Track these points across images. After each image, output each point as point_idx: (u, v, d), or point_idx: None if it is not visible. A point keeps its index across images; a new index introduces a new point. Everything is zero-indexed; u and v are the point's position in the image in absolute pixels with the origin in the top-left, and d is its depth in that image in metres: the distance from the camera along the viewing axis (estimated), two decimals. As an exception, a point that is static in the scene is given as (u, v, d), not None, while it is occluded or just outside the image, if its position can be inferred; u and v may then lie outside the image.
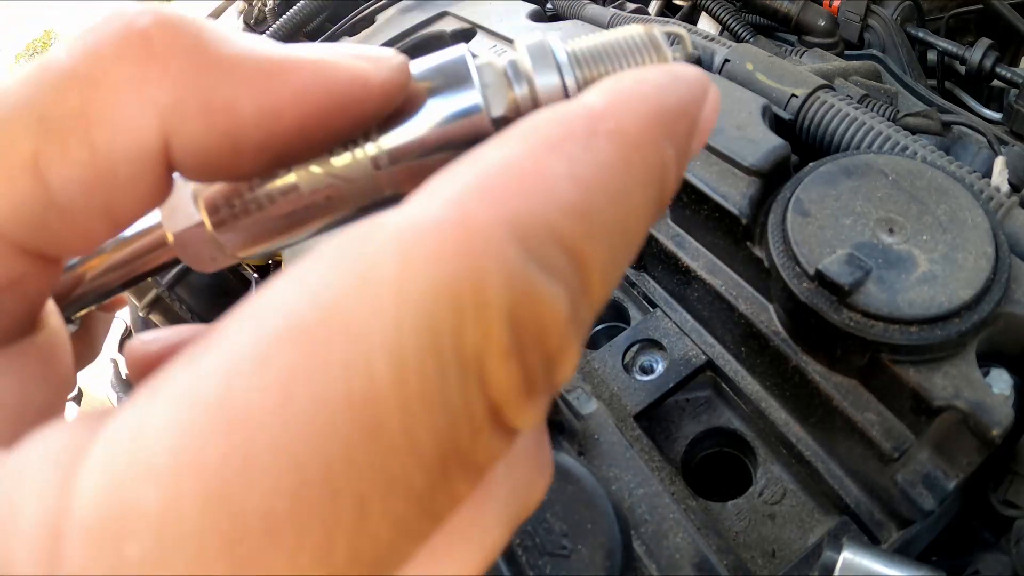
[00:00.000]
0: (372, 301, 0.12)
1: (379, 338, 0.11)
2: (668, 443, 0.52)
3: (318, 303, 0.12)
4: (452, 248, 0.12)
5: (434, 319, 0.12)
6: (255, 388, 0.11)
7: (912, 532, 0.40)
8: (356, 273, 0.12)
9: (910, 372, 0.36)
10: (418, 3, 0.92)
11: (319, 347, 0.11)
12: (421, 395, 0.11)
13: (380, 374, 0.11)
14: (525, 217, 0.13)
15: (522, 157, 0.14)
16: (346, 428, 0.11)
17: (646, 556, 0.38)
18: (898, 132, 0.49)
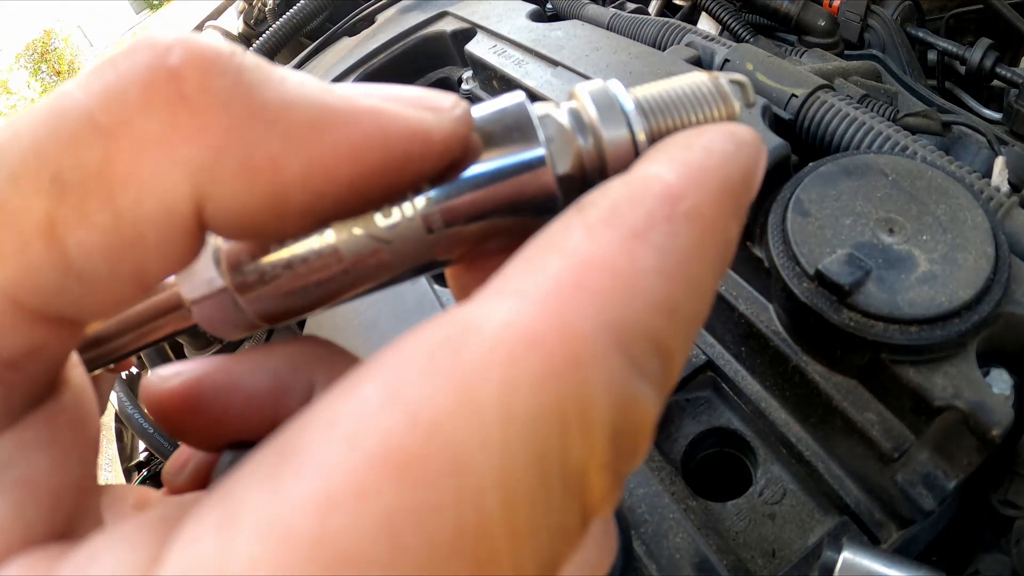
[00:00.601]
0: (479, 427, 0.11)
1: (488, 468, 0.11)
2: (668, 443, 0.52)
3: (419, 425, 0.11)
4: (559, 364, 0.11)
5: (542, 442, 0.11)
6: (357, 527, 0.10)
7: (912, 532, 0.40)
8: (458, 391, 0.11)
9: (910, 372, 0.36)
10: (418, 3, 0.92)
11: (425, 478, 0.10)
12: (529, 519, 0.11)
13: (491, 506, 0.11)
14: (625, 322, 0.12)
15: (612, 250, 0.13)
16: (458, 564, 0.10)
17: (646, 556, 0.38)
18: (898, 132, 0.49)
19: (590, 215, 0.14)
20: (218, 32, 1.33)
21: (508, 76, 0.67)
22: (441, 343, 0.12)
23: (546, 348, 0.11)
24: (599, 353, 0.12)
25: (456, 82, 0.83)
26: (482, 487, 0.11)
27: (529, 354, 0.11)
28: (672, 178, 0.15)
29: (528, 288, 0.12)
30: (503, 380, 0.11)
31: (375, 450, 0.11)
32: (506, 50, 0.70)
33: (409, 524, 0.10)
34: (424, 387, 0.11)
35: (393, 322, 0.40)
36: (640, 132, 0.18)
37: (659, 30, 0.69)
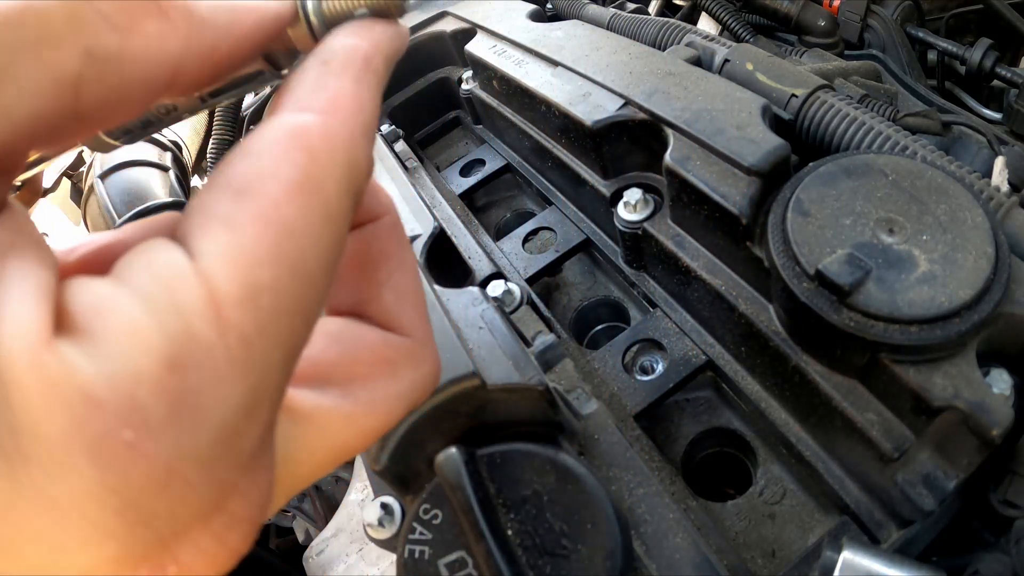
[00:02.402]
0: (327, 172, 0.21)
1: (335, 181, 0.21)
2: (668, 443, 0.52)
3: (304, 172, 0.21)
4: (352, 141, 0.22)
5: (351, 174, 0.22)
6: (295, 220, 0.20)
7: (912, 532, 0.40)
8: (313, 158, 0.21)
9: (910, 372, 0.36)
10: (418, 3, 0.92)
11: (320, 192, 0.21)
12: (347, 188, 0.22)
13: (336, 210, 0.21)
14: (364, 121, 0.23)
15: (351, 88, 0.23)
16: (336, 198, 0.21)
17: (646, 556, 0.38)
18: (898, 132, 0.49)
19: (333, 67, 0.23)
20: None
21: (508, 76, 0.67)
22: (292, 134, 0.21)
23: (343, 140, 0.22)
24: (359, 139, 0.22)
25: (456, 82, 0.83)
26: (335, 190, 0.21)
27: (335, 141, 0.22)
28: (367, 46, 0.24)
29: (320, 106, 0.22)
30: (330, 151, 0.21)
31: (293, 181, 0.20)
32: (506, 50, 0.70)
33: (317, 211, 0.20)
34: (297, 155, 0.21)
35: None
36: (312, 15, 0.25)
37: (659, 30, 0.69)
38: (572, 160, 0.62)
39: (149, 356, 0.16)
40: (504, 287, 0.53)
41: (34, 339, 0.16)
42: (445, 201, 0.72)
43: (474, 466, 0.35)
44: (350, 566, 0.73)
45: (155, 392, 0.16)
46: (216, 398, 0.17)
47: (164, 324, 0.17)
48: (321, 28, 0.26)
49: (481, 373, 0.36)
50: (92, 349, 0.16)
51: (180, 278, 0.18)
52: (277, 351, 0.19)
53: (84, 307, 0.17)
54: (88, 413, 0.15)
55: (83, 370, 0.16)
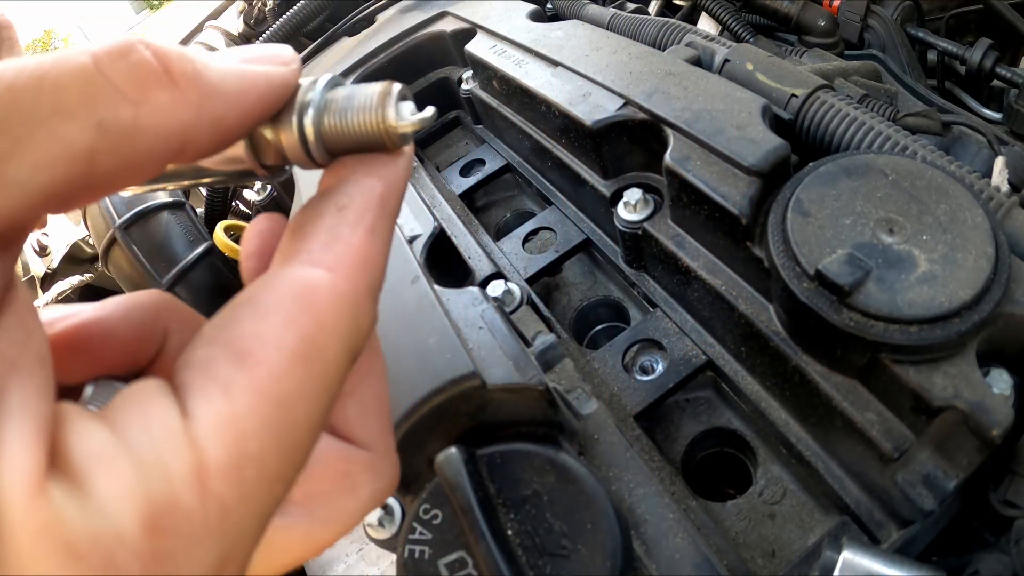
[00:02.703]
0: (333, 337, 0.22)
1: (336, 352, 0.22)
2: (668, 443, 0.52)
3: (306, 341, 0.21)
4: (358, 304, 0.23)
5: (351, 339, 0.23)
6: (291, 392, 0.21)
7: (912, 532, 0.40)
8: (318, 324, 0.22)
9: (910, 372, 0.36)
10: (418, 3, 0.92)
11: (320, 359, 0.22)
12: (350, 347, 0.23)
13: (334, 376, 0.22)
14: (372, 277, 0.24)
15: (364, 241, 0.24)
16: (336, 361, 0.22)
17: (646, 556, 0.38)
18: (898, 132, 0.49)
19: (348, 216, 0.24)
20: (218, 32, 1.33)
21: (508, 76, 0.67)
22: (299, 295, 0.22)
23: (350, 303, 0.22)
24: (365, 299, 0.23)
25: (456, 82, 0.83)
26: (335, 357, 0.22)
27: (342, 303, 0.22)
28: (382, 188, 0.25)
29: (331, 263, 0.23)
30: (335, 315, 0.22)
31: (294, 350, 0.21)
32: (506, 50, 0.70)
33: (305, 396, 0.21)
34: (302, 321, 0.21)
35: (393, 322, 0.40)
36: (311, 135, 0.25)
37: (659, 30, 0.69)
38: (572, 160, 0.62)
39: (132, 518, 0.18)
40: (504, 287, 0.53)
41: (30, 484, 0.17)
42: (445, 201, 0.72)
43: (474, 466, 0.35)
44: (350, 566, 0.73)
45: (133, 554, 0.17)
46: (189, 562, 0.18)
47: (151, 488, 0.18)
48: (319, 149, 0.25)
49: (481, 373, 0.36)
50: (82, 502, 0.17)
51: (172, 441, 0.19)
52: (254, 516, 0.20)
53: (80, 456, 0.18)
54: (71, 565, 0.17)
55: (72, 522, 0.17)
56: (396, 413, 0.36)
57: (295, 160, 0.26)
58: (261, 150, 0.26)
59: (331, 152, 0.26)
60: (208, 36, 1.33)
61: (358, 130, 0.25)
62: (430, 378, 0.36)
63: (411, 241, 0.52)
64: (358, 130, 0.25)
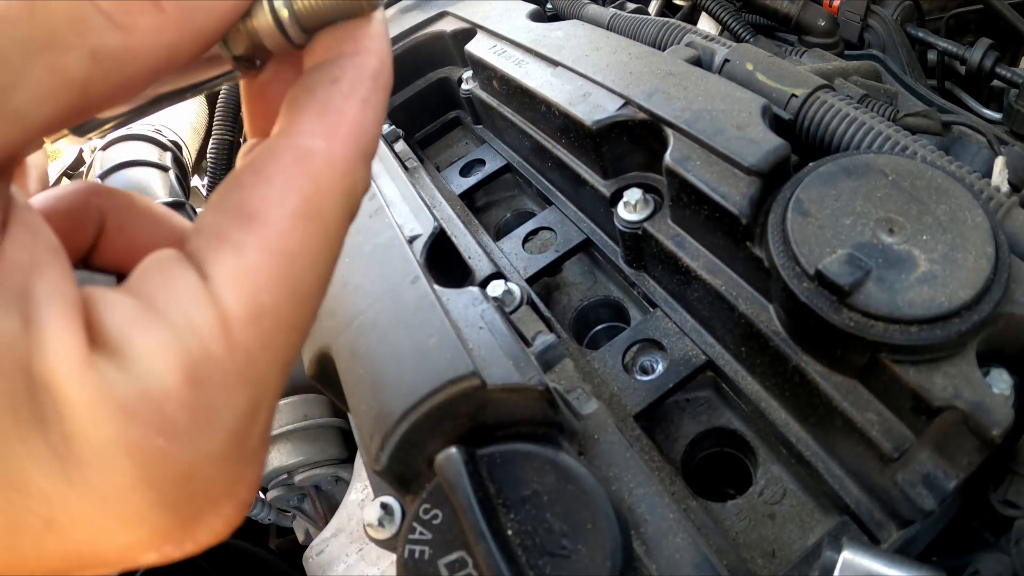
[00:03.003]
0: (331, 199, 0.24)
1: (336, 204, 0.24)
2: (668, 443, 0.52)
3: (306, 201, 0.23)
4: (351, 169, 0.24)
5: (349, 200, 0.24)
6: (297, 247, 0.22)
7: (912, 532, 0.40)
8: (316, 186, 0.23)
9: (910, 372, 0.36)
10: (418, 3, 0.92)
11: (320, 219, 0.23)
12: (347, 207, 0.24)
13: (333, 235, 0.24)
14: (364, 144, 0.25)
15: (357, 111, 0.25)
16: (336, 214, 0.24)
17: (646, 556, 0.38)
18: (898, 132, 0.49)
19: (342, 87, 0.25)
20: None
21: (508, 76, 0.67)
22: (298, 161, 0.23)
23: (344, 166, 0.24)
24: (358, 164, 0.24)
25: (456, 82, 0.83)
26: (334, 215, 0.24)
27: (337, 168, 0.23)
28: (375, 63, 0.26)
29: (325, 132, 0.24)
30: (331, 178, 0.23)
31: (296, 209, 0.22)
32: (506, 50, 0.70)
33: (319, 234, 0.23)
34: (302, 183, 0.23)
35: (393, 322, 0.40)
36: (284, 14, 0.25)
37: (659, 30, 0.69)
38: (572, 160, 0.62)
39: (173, 374, 0.19)
40: (504, 287, 0.53)
41: (77, 360, 0.19)
42: (445, 201, 0.72)
43: (474, 466, 0.35)
44: (350, 566, 0.73)
45: (179, 405, 0.19)
46: (227, 407, 0.21)
47: (185, 345, 0.20)
48: (295, 30, 0.26)
49: (481, 373, 0.36)
50: (126, 367, 0.19)
51: (196, 301, 0.21)
52: (275, 362, 0.22)
53: (115, 327, 0.20)
54: (127, 424, 0.19)
55: (120, 386, 0.19)
56: (396, 413, 0.36)
57: (271, 44, 0.26)
58: (236, 43, 0.26)
59: (305, 30, 0.26)
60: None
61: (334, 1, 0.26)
62: (430, 378, 0.36)
63: (411, 241, 0.52)
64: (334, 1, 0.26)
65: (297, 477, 0.92)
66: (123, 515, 0.19)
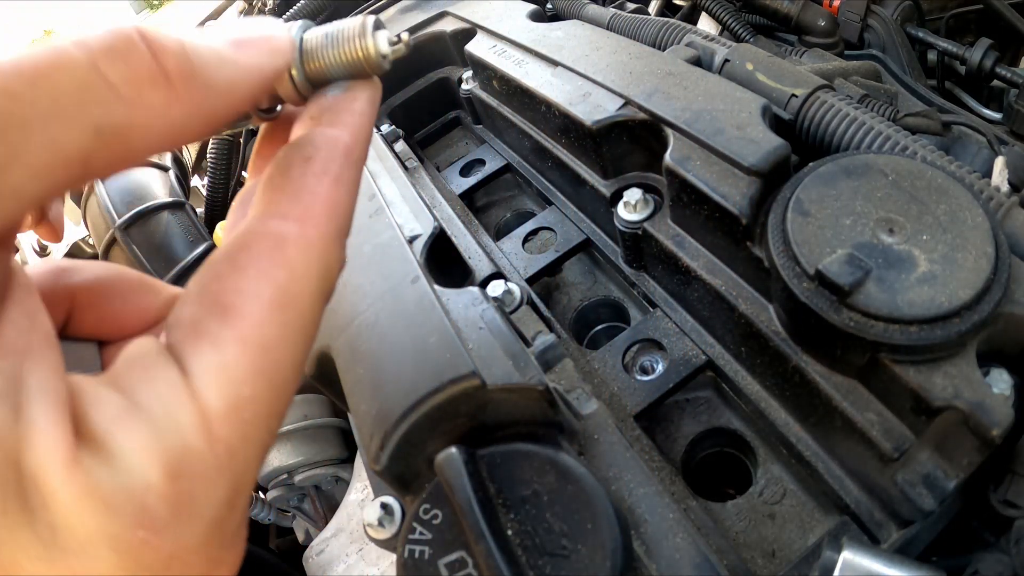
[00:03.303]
0: (302, 286, 0.24)
1: (309, 302, 0.24)
2: (668, 443, 0.52)
3: (281, 290, 0.23)
4: (325, 255, 0.25)
5: (324, 284, 0.25)
6: (272, 338, 0.22)
7: (912, 532, 0.40)
8: (290, 273, 0.23)
9: (910, 372, 0.36)
10: (418, 3, 0.92)
11: (296, 310, 0.23)
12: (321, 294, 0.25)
13: (308, 319, 0.24)
14: (340, 224, 0.26)
15: (331, 194, 0.25)
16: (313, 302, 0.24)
17: (646, 556, 0.38)
18: (898, 132, 0.49)
19: (315, 167, 0.25)
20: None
21: (508, 76, 0.67)
22: (271, 248, 0.23)
23: (318, 249, 0.24)
24: (333, 245, 0.25)
25: (456, 82, 0.83)
26: (309, 300, 0.24)
27: (311, 252, 0.24)
28: (347, 139, 0.26)
29: (299, 215, 0.24)
30: (306, 263, 0.24)
31: (271, 300, 0.23)
32: (506, 50, 0.70)
33: (294, 331, 0.23)
34: (276, 272, 0.23)
35: (393, 322, 0.40)
36: (295, 73, 0.28)
37: (659, 30, 0.69)
38: (572, 160, 0.62)
39: (155, 469, 0.20)
40: (504, 287, 0.53)
41: (64, 456, 0.19)
42: (445, 201, 0.72)
43: (474, 466, 0.35)
44: (350, 566, 0.73)
45: (160, 499, 0.20)
46: (207, 498, 0.21)
47: (166, 442, 0.20)
48: (304, 83, 0.28)
49: (481, 373, 0.36)
50: (110, 463, 0.20)
51: (177, 397, 0.21)
52: (255, 451, 0.23)
53: (100, 424, 0.20)
54: (110, 517, 0.19)
55: (104, 482, 0.19)
56: (396, 413, 0.36)
57: (284, 94, 0.28)
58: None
59: (314, 84, 0.28)
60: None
61: (341, 62, 0.28)
62: (430, 378, 0.36)
63: (411, 241, 0.52)
64: (341, 62, 0.28)
65: (297, 477, 0.92)
66: None
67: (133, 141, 0.21)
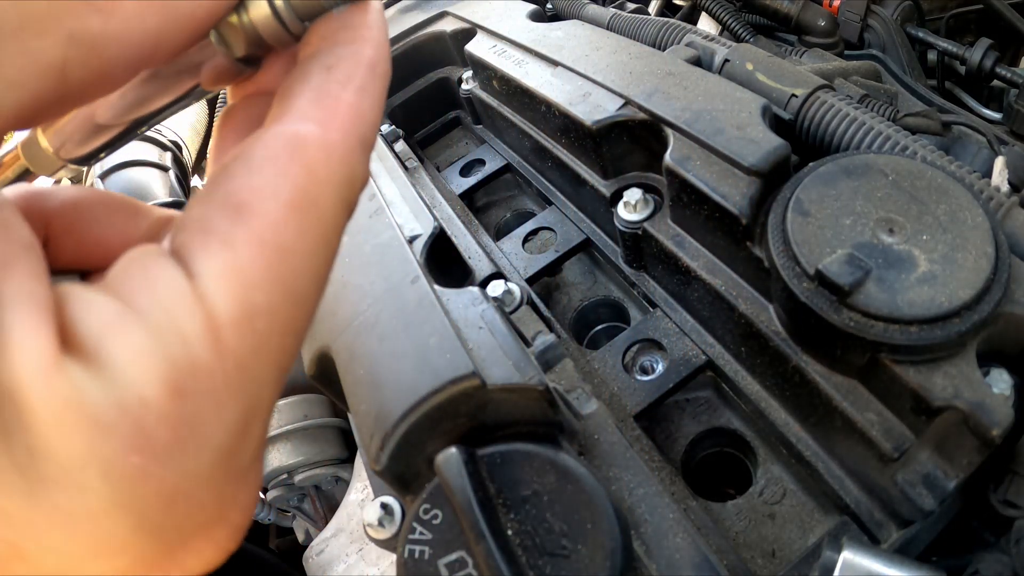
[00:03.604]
0: (328, 188, 0.22)
1: (334, 198, 0.22)
2: (668, 443, 0.52)
3: (300, 190, 0.21)
4: (347, 160, 0.22)
5: (346, 190, 0.22)
6: (290, 240, 0.20)
7: (912, 532, 0.40)
8: (310, 175, 0.21)
9: (910, 372, 0.36)
10: (418, 3, 0.92)
11: (316, 213, 0.21)
12: (347, 200, 0.23)
13: (330, 227, 0.22)
14: (362, 131, 0.23)
15: (354, 99, 0.23)
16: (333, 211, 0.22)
17: (646, 556, 0.38)
18: (898, 132, 0.49)
19: (338, 75, 0.23)
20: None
21: (508, 76, 0.67)
22: (291, 147, 0.21)
23: (340, 154, 0.22)
24: (357, 152, 0.23)
25: (456, 82, 0.83)
26: (330, 206, 0.22)
27: (333, 155, 0.22)
28: (372, 52, 0.24)
29: (321, 118, 0.22)
30: (327, 166, 0.22)
31: (289, 200, 0.20)
32: (506, 50, 0.70)
33: (312, 231, 0.21)
34: (295, 171, 0.21)
35: (393, 322, 0.40)
36: (280, 3, 0.24)
37: (659, 30, 0.69)
38: (572, 160, 0.62)
39: (154, 384, 0.17)
40: (504, 287, 0.53)
41: (44, 363, 0.16)
42: (445, 201, 0.72)
43: (474, 466, 0.35)
44: (350, 566, 0.73)
45: (160, 419, 0.17)
46: (215, 421, 0.19)
47: (168, 351, 0.18)
48: (292, 18, 0.25)
49: (481, 373, 0.36)
50: (101, 374, 0.17)
51: (181, 302, 0.19)
52: (270, 370, 0.20)
53: (90, 330, 0.18)
54: (100, 438, 0.17)
55: (93, 395, 0.17)
56: (396, 413, 0.36)
57: (269, 36, 0.25)
58: (230, 40, 0.25)
59: (302, 19, 0.25)
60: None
61: None
62: (430, 378, 0.36)
63: (411, 241, 0.52)
64: None
65: (297, 477, 0.92)
66: (96, 542, 0.17)
67: (110, 50, 0.20)
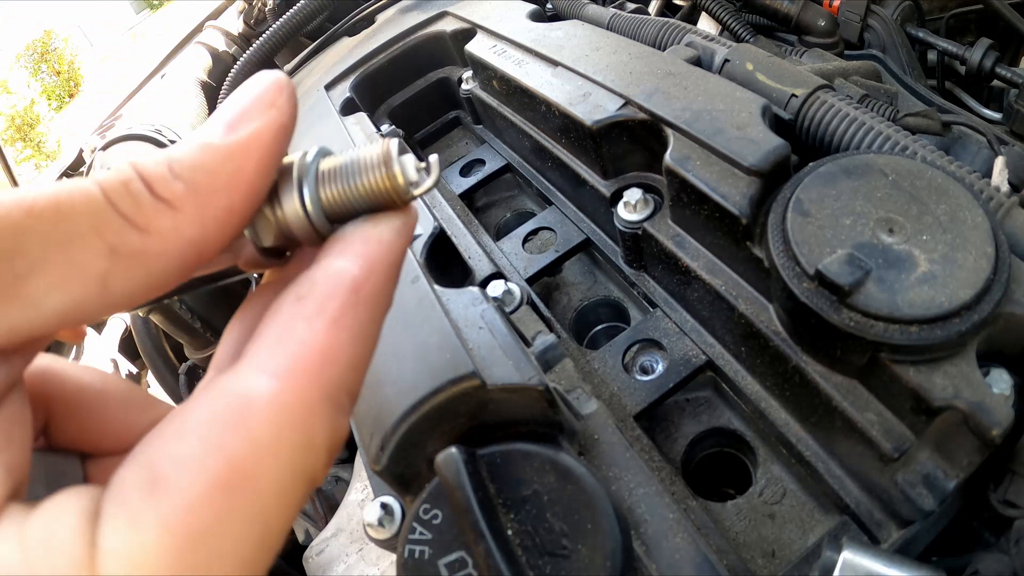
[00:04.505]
0: (270, 463, 0.20)
1: (273, 478, 0.20)
2: (668, 443, 0.52)
3: (233, 466, 0.19)
4: (302, 421, 0.20)
5: (300, 461, 0.20)
6: (207, 526, 0.18)
7: (912, 532, 0.40)
8: (253, 445, 0.19)
9: (910, 372, 0.36)
10: (418, 3, 0.92)
11: (240, 499, 0.19)
12: (293, 495, 0.21)
13: (271, 506, 0.20)
14: (332, 384, 0.21)
15: (321, 337, 0.21)
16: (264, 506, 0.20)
17: (646, 556, 0.38)
18: (898, 132, 0.49)
19: (307, 307, 0.22)
20: (219, 32, 1.33)
21: (508, 76, 0.67)
22: (232, 410, 0.20)
23: (296, 417, 0.20)
24: (320, 409, 0.21)
25: (456, 82, 0.83)
26: (273, 482, 0.20)
27: (285, 418, 0.20)
28: (356, 271, 0.22)
29: (276, 368, 0.20)
30: (275, 434, 0.20)
31: (213, 477, 0.19)
32: (506, 50, 0.70)
33: (227, 528, 0.19)
34: (231, 441, 0.19)
35: (393, 322, 0.40)
36: (309, 204, 0.24)
37: (659, 30, 0.69)
38: (572, 160, 0.62)
39: None
40: (504, 287, 0.53)
41: None
42: (445, 201, 0.72)
43: (474, 466, 0.35)
44: (350, 566, 0.73)
45: None
46: None
47: None
48: (320, 219, 0.24)
49: (481, 373, 0.36)
50: None
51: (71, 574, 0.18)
52: None
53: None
54: None
55: None
56: (396, 413, 0.36)
57: (298, 231, 0.24)
58: (259, 230, 0.25)
59: (332, 220, 0.24)
60: (208, 36, 1.33)
61: (361, 193, 0.24)
62: (430, 378, 0.36)
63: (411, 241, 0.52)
64: (361, 193, 0.24)
65: (297, 477, 0.92)
66: None
67: (150, 263, 0.21)
